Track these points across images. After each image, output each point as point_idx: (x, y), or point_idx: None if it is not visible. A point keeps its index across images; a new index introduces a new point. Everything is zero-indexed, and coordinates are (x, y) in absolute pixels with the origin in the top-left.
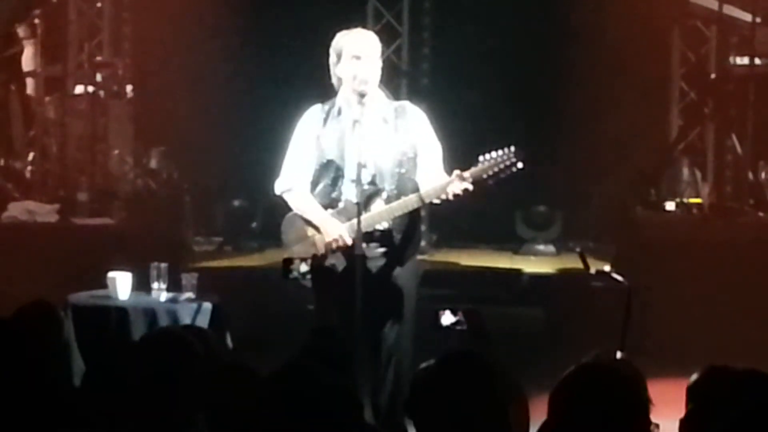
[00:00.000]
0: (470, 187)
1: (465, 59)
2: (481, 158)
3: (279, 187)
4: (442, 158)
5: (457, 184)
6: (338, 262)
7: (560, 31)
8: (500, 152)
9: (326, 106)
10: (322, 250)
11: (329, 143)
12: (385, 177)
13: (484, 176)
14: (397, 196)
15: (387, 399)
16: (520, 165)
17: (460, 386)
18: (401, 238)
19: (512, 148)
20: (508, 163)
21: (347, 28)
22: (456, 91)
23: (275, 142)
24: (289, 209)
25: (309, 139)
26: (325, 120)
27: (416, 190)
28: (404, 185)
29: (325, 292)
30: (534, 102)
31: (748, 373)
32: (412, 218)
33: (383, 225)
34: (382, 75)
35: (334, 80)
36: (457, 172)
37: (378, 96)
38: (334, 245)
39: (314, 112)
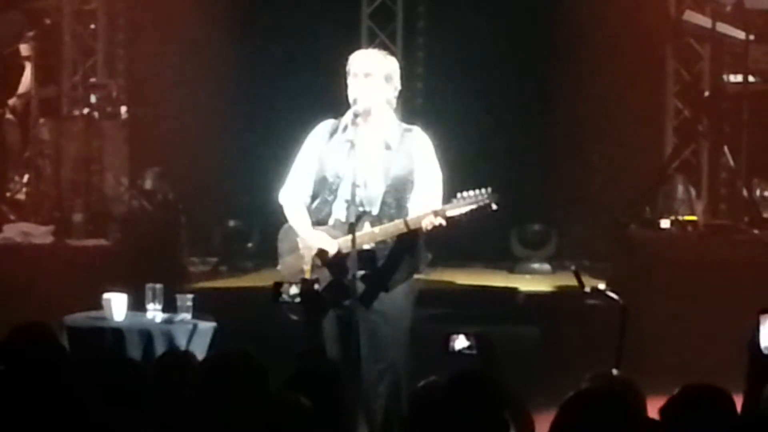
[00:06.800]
0: (443, 223)
1: (459, 79)
2: (458, 195)
3: (280, 197)
4: (443, 180)
5: (431, 219)
6: (326, 284)
7: (554, 50)
8: (476, 192)
9: (336, 123)
10: (308, 264)
11: (329, 160)
12: (376, 200)
13: (457, 214)
14: (385, 220)
15: (382, 417)
16: (494, 206)
17: (467, 406)
18: (390, 261)
19: (489, 190)
20: (482, 203)
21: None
22: (450, 111)
23: (271, 163)
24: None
25: (312, 154)
26: (331, 135)
27: (405, 215)
28: (393, 210)
29: (314, 315)
30: (528, 120)
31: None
32: (401, 241)
33: (369, 246)
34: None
35: None
36: (433, 208)
37: (384, 117)
38: (318, 259)
39: (323, 127)
